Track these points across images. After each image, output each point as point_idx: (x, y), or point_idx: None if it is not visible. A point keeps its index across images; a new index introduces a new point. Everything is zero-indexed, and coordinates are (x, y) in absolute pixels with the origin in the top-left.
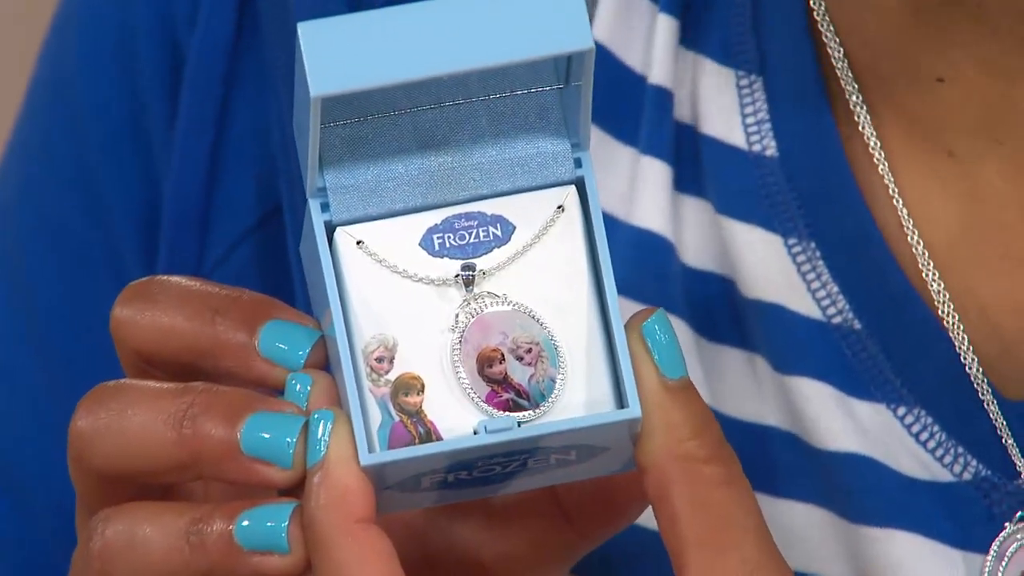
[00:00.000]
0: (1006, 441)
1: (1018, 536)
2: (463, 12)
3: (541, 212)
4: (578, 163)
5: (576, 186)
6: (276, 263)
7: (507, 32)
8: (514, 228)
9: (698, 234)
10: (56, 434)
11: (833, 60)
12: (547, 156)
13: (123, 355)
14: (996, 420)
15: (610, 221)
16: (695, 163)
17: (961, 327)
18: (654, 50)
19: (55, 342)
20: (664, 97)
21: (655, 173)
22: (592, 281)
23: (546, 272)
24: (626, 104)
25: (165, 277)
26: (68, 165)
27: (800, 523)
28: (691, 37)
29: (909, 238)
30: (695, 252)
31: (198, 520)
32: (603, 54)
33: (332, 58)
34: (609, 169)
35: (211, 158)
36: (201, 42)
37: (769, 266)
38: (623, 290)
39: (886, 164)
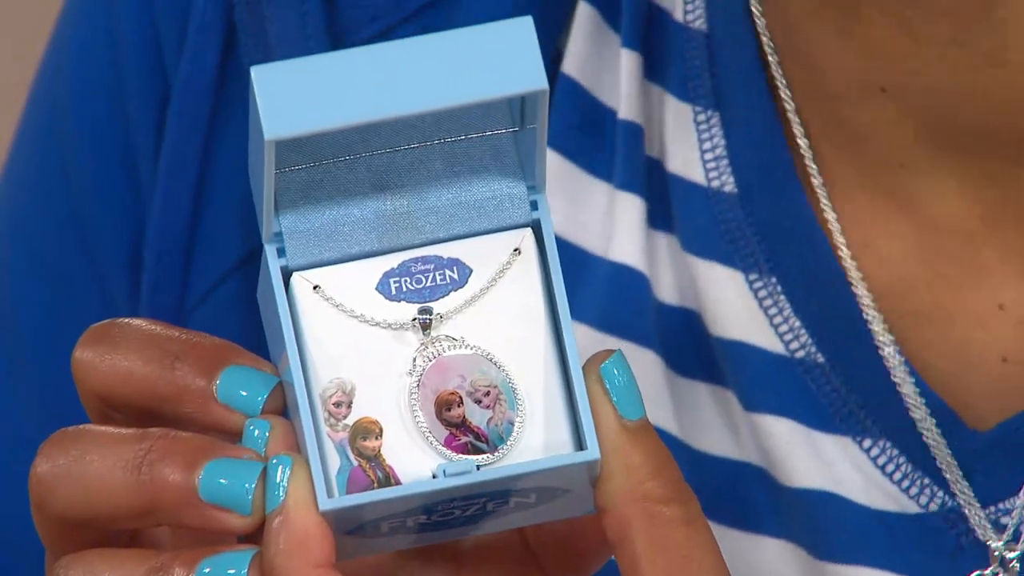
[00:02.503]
0: (972, 471)
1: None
2: (417, 54)
3: (498, 255)
4: (534, 205)
5: (532, 228)
6: None
7: (461, 74)
8: (471, 271)
9: (669, 270)
10: None
11: (781, 92)
12: (503, 199)
13: (84, 397)
14: (961, 451)
15: (588, 257)
16: (663, 199)
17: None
18: (621, 85)
19: (39, 373)
20: (634, 132)
21: (630, 208)
22: (550, 323)
23: (503, 315)
24: (599, 139)
25: (127, 320)
26: (58, 196)
27: (771, 559)
28: (655, 71)
29: (854, 280)
30: (667, 288)
31: (157, 569)
32: (573, 87)
33: (286, 101)
34: (585, 205)
35: (195, 194)
36: (186, 77)
37: (732, 302)
38: (601, 324)
39: (828, 201)
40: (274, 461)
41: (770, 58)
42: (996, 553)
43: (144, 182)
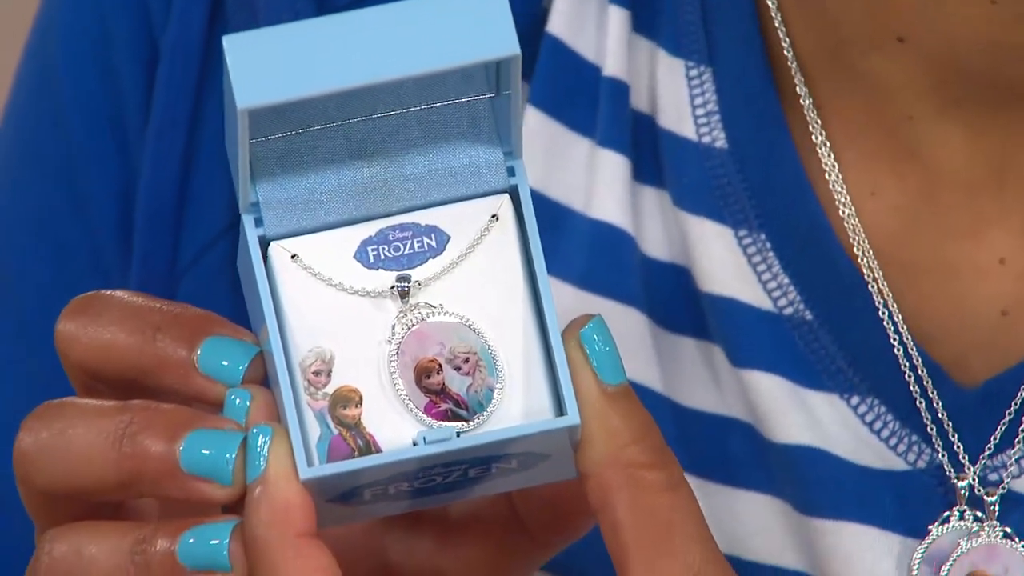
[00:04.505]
0: (961, 427)
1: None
2: (389, 21)
3: (475, 221)
4: (511, 172)
5: (510, 195)
6: None
7: (433, 41)
8: (449, 238)
9: (657, 225)
10: None
11: (781, 44)
12: (480, 165)
13: (68, 370)
14: (948, 407)
15: (568, 213)
16: (654, 154)
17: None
18: (607, 41)
19: (40, 334)
20: (619, 89)
21: (612, 165)
22: (528, 289)
23: (482, 281)
24: (581, 96)
25: (109, 292)
26: (52, 159)
27: (757, 514)
28: (645, 25)
29: (852, 231)
30: (655, 243)
31: (142, 540)
32: (557, 46)
33: (259, 70)
34: (566, 161)
35: (183, 159)
36: (174, 41)
37: (721, 259)
38: (584, 282)
39: (831, 155)
40: (254, 431)
41: (771, 8)
42: (992, 507)
43: (133, 144)
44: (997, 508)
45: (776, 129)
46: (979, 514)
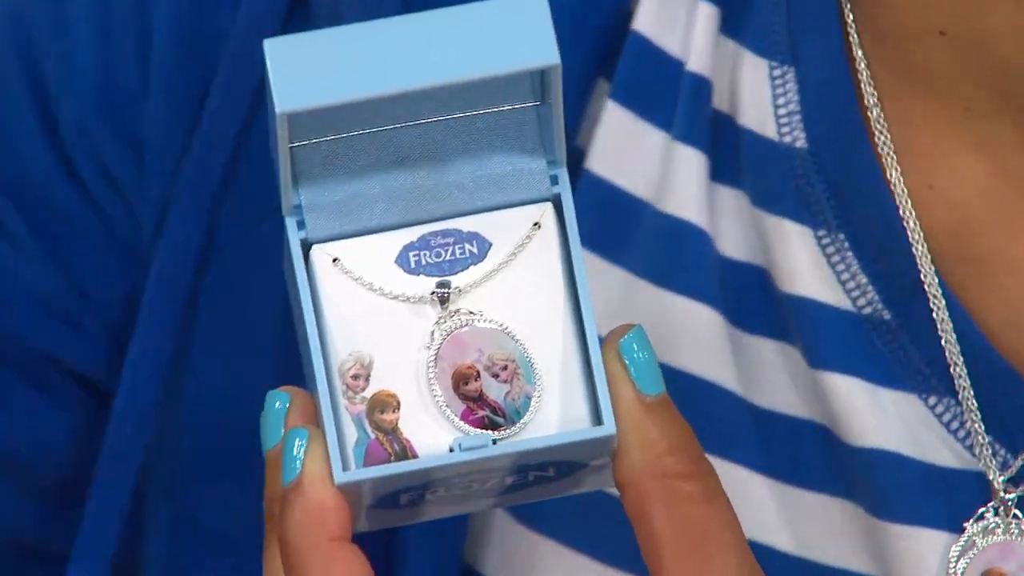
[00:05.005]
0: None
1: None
2: (431, 28)
3: (517, 229)
4: (555, 180)
5: (553, 203)
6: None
7: (473, 48)
8: (490, 245)
9: (735, 224)
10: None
11: (851, 35)
12: (523, 173)
13: None
14: (1015, 405)
15: (638, 204)
16: (734, 153)
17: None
18: (693, 38)
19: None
20: (702, 85)
21: (690, 162)
22: (569, 298)
23: (522, 289)
24: (661, 89)
25: None
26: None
27: (827, 517)
28: (732, 25)
29: (913, 223)
30: (732, 242)
31: None
32: (642, 43)
33: (299, 74)
34: (638, 152)
35: (236, 142)
36: (246, 20)
37: (801, 259)
38: (660, 279)
39: (890, 144)
40: (291, 434)
41: (845, 3)
42: (1010, 504)
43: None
44: (1014, 505)
45: (855, 130)
46: (1018, 513)
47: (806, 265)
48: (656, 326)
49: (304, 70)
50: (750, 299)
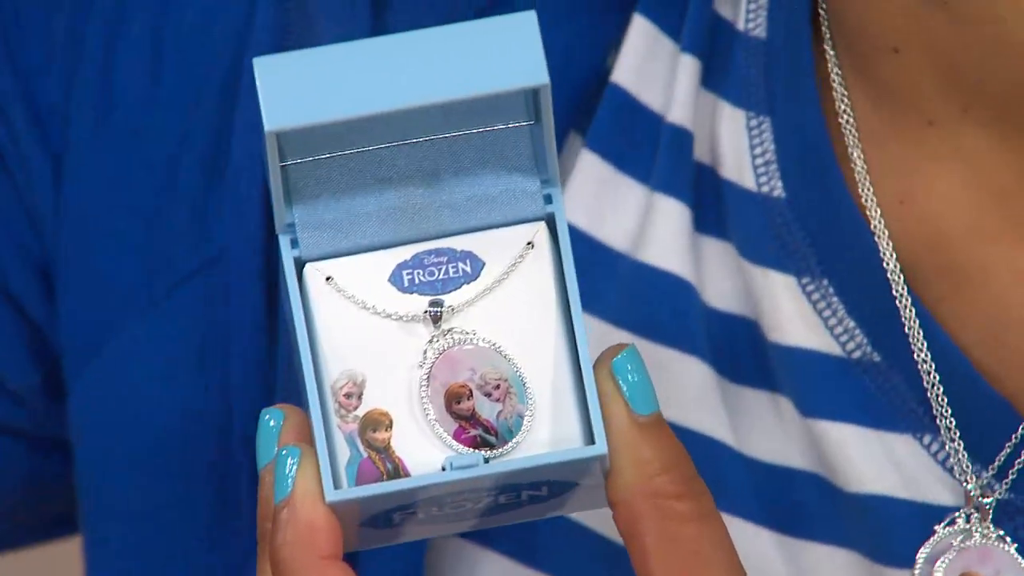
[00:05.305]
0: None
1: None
2: (421, 48)
3: (511, 248)
4: (548, 199)
5: (547, 223)
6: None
7: (463, 68)
8: (484, 264)
9: (722, 276)
10: None
11: (827, 55)
12: (517, 192)
13: None
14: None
15: (614, 255)
16: (717, 205)
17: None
18: (675, 90)
19: None
20: (683, 137)
21: (672, 213)
22: (562, 317)
23: (515, 308)
24: (639, 140)
25: None
26: None
27: (826, 566)
28: (712, 79)
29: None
30: (719, 294)
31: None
32: (621, 95)
33: (289, 92)
34: (616, 204)
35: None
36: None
37: (787, 308)
38: (645, 331)
39: (867, 176)
40: (283, 452)
41: (822, 14)
42: (987, 509)
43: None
44: (992, 512)
45: (831, 174)
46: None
47: (793, 314)
48: None
49: (294, 88)
50: (739, 350)
